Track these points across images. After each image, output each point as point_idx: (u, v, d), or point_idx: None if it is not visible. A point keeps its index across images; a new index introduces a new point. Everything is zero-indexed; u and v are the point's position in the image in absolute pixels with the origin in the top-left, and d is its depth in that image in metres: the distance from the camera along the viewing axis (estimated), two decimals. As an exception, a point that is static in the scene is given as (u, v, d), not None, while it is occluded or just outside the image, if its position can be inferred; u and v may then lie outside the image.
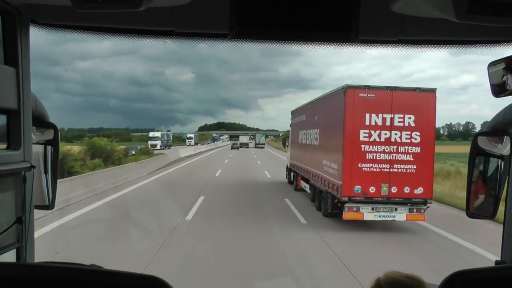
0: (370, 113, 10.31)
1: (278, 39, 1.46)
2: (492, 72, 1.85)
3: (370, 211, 10.44)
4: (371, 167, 10.28)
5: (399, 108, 10.31)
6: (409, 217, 10.49)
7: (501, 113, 1.95)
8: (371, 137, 10.31)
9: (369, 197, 10.31)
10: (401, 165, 10.30)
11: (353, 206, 10.38)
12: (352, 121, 10.31)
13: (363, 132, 10.30)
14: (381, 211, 10.47)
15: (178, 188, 18.76)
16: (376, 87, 10.45)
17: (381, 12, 1.40)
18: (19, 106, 1.53)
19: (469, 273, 1.17)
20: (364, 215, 10.42)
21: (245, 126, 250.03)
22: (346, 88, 10.32)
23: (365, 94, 10.32)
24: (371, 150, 10.32)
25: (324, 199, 12.26)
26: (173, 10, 1.41)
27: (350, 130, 10.31)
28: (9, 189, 1.56)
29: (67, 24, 1.51)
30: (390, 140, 10.32)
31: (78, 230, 10.28)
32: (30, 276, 1.05)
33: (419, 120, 10.31)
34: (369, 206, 10.43)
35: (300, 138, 17.09)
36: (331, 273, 7.42)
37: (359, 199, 10.32)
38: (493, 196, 1.97)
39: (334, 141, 11.27)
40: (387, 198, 10.35)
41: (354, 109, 10.30)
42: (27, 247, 1.62)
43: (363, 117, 10.29)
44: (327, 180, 11.80)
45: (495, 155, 1.95)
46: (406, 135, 10.31)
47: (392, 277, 1.20)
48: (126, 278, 1.03)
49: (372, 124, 10.31)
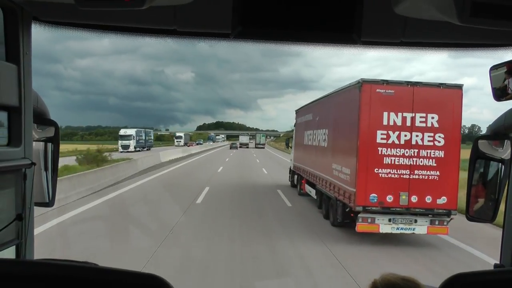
0: (389, 111, 9.07)
1: (281, 40, 1.45)
2: (494, 76, 1.87)
3: (387, 223, 9.21)
4: (389, 173, 9.05)
5: (421, 106, 9.08)
6: (430, 230, 9.26)
7: (502, 117, 1.97)
8: (389, 139, 9.07)
9: (386, 207, 9.08)
10: (422, 171, 9.07)
11: (368, 217, 9.15)
12: (368, 120, 9.07)
13: (380, 133, 9.07)
14: (399, 223, 9.24)
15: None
16: (395, 82, 9.21)
17: (384, 14, 1.40)
18: (20, 103, 1.54)
19: (468, 276, 1.16)
20: (380, 227, 9.18)
21: (244, 126, 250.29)
22: (362, 82, 9.08)
23: (383, 90, 9.09)
24: (389, 154, 9.08)
25: (333, 207, 11.03)
26: (175, 9, 1.41)
27: (365, 131, 9.07)
28: (9, 186, 1.56)
29: (69, 21, 1.51)
30: (411, 142, 9.08)
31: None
32: (29, 273, 1.04)
33: (443, 120, 9.07)
34: (386, 217, 9.20)
35: (306, 139, 15.85)
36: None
37: (374, 209, 9.08)
38: (493, 199, 1.98)
39: (347, 143, 10.03)
40: (406, 209, 9.12)
41: (370, 107, 9.06)
42: (26, 244, 1.62)
43: (380, 116, 9.05)
44: (337, 186, 10.56)
45: (496, 159, 1.97)
46: (429, 137, 9.07)
47: (388, 279, 1.19)
48: (125, 276, 1.02)
49: (390, 124, 9.07)
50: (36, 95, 1.74)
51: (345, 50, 1.52)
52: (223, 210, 13.39)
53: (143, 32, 1.54)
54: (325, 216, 12.03)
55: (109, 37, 1.58)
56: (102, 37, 1.57)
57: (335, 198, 10.73)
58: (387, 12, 1.34)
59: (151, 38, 1.57)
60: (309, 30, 1.34)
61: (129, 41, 1.58)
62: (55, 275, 1.03)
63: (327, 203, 11.85)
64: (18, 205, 1.59)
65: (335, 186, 10.72)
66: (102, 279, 1.03)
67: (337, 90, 11.25)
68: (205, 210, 13.10)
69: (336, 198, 10.68)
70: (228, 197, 16.01)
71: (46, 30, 1.55)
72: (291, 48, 1.53)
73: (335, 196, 10.71)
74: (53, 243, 8.57)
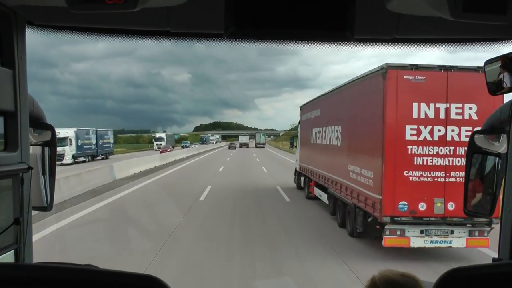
0: (419, 102, 7.58)
1: (274, 39, 1.46)
2: (488, 70, 1.87)
3: (418, 235, 7.72)
4: (421, 175, 7.55)
5: (456, 95, 7.59)
6: (469, 243, 7.77)
7: (498, 111, 1.99)
8: (420, 135, 7.58)
9: (418, 217, 7.59)
10: (460, 173, 7.55)
11: (397, 229, 7.65)
12: (395, 113, 7.57)
13: (409, 129, 7.57)
14: (433, 235, 7.75)
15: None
16: (426, 67, 7.69)
17: (377, 11, 1.39)
18: (16, 107, 1.54)
19: (466, 270, 1.16)
20: (411, 241, 7.69)
21: (242, 125, 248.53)
22: (387, 68, 7.57)
23: (412, 77, 7.59)
24: (420, 153, 7.59)
25: (351, 215, 9.54)
26: (168, 10, 1.42)
27: (392, 126, 7.58)
28: (6, 190, 1.56)
29: (63, 25, 1.51)
30: (446, 138, 7.59)
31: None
32: (28, 276, 1.04)
33: (483, 111, 7.54)
34: (418, 228, 7.71)
35: (314, 137, 14.35)
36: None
37: (405, 220, 7.59)
38: (491, 194, 1.99)
39: (368, 141, 8.53)
40: (441, 218, 7.64)
41: (397, 97, 7.56)
42: (25, 248, 1.61)
43: (409, 107, 7.56)
44: (355, 191, 9.07)
45: (492, 153, 1.97)
46: (467, 131, 7.56)
47: (387, 276, 1.20)
48: (124, 278, 1.02)
49: (421, 117, 7.58)
50: (32, 99, 1.74)
51: (339, 48, 1.51)
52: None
53: (137, 34, 1.55)
54: (340, 225, 10.54)
55: (103, 40, 1.59)
56: (97, 40, 1.57)
57: (354, 205, 9.24)
58: (380, 9, 1.34)
59: (145, 40, 1.58)
60: (302, 29, 1.33)
61: (123, 43, 1.63)
62: (53, 278, 1.02)
63: (342, 210, 10.36)
64: (16, 209, 1.58)
65: (353, 191, 9.23)
66: (100, 281, 1.02)
67: (353, 80, 9.71)
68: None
69: (354, 205, 9.19)
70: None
71: (40, 34, 1.55)
72: (284, 47, 1.53)
73: (354, 202, 9.22)
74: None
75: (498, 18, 1.07)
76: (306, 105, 16.53)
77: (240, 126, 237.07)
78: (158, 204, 14.48)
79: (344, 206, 10.25)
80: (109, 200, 14.67)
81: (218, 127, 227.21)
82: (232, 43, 1.50)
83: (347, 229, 9.91)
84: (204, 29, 1.49)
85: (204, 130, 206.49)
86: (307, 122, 15.92)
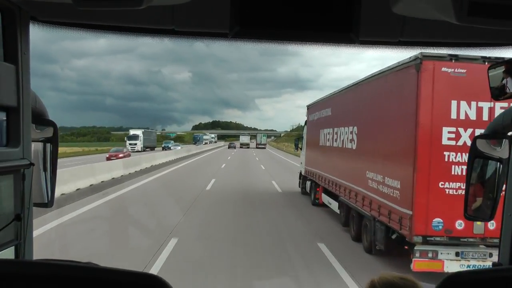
0: (459, 99, 6.38)
1: (279, 39, 1.45)
2: (492, 75, 1.90)
3: (453, 258, 6.51)
4: (459, 188, 6.33)
5: (502, 93, 6.37)
6: None
7: (501, 116, 2.03)
8: (459, 140, 6.37)
9: (455, 237, 6.39)
10: (504, 185, 6.34)
11: (429, 251, 6.44)
12: (430, 112, 6.34)
13: (447, 131, 6.37)
14: (470, 258, 6.55)
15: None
16: (468, 58, 6.44)
17: (382, 13, 1.40)
18: (18, 103, 1.55)
19: (465, 275, 1.18)
20: (444, 265, 6.48)
21: (242, 125, 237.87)
22: (422, 58, 6.35)
23: (451, 69, 6.37)
24: (459, 161, 6.40)
25: (369, 229, 8.33)
26: (173, 8, 1.42)
27: (427, 128, 6.35)
28: (8, 186, 1.57)
29: (67, 21, 1.50)
30: (489, 144, 6.37)
31: None
32: (28, 273, 1.03)
33: None
34: (453, 250, 6.51)
35: (323, 139, 13.15)
36: None
37: (439, 240, 6.39)
38: (491, 198, 2.00)
39: (394, 145, 7.31)
40: (481, 238, 6.44)
41: (433, 93, 6.34)
42: (25, 244, 1.62)
43: (447, 106, 6.35)
44: (376, 202, 7.86)
45: (494, 158, 1.99)
46: (513, 136, 6.36)
47: (386, 279, 1.23)
48: (124, 276, 1.00)
49: (461, 118, 6.38)
50: (35, 95, 1.75)
51: (343, 49, 1.51)
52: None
53: (142, 32, 1.54)
54: (354, 238, 9.33)
55: (107, 37, 1.58)
56: (100, 37, 1.58)
57: (373, 218, 8.03)
58: (385, 12, 1.34)
59: (149, 38, 1.58)
60: (307, 30, 1.33)
61: (127, 41, 1.58)
62: (53, 275, 1.02)
63: (358, 222, 9.14)
64: (17, 205, 1.59)
65: (373, 202, 8.02)
66: (101, 279, 1.02)
67: (377, 74, 8.45)
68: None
69: (374, 218, 7.97)
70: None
71: (44, 30, 1.55)
72: (289, 47, 1.53)
73: (373, 215, 8.01)
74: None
75: (504, 23, 1.07)
76: (314, 104, 15.31)
77: (240, 126, 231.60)
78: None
79: (359, 218, 9.04)
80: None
81: (217, 126, 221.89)
82: (236, 43, 1.49)
83: (363, 244, 8.70)
84: (209, 28, 1.48)
85: (203, 129, 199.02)
86: (315, 122, 14.70)
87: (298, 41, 1.46)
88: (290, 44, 1.47)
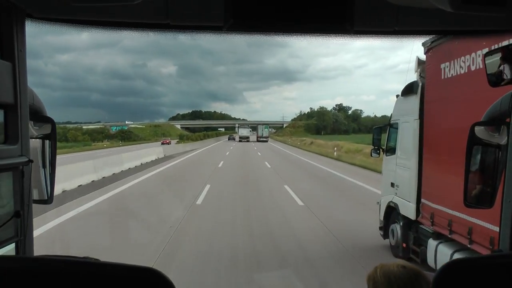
0: None
1: (273, 31, 1.45)
2: (489, 62, 1.91)
3: None
4: None
5: None
6: None
7: (498, 102, 1.98)
8: None
9: None
10: None
11: None
12: None
13: None
14: None
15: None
16: None
17: (377, 3, 1.41)
18: (16, 100, 1.56)
19: (466, 262, 1.20)
20: None
21: (228, 115, 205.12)
22: None
23: None
24: None
25: None
26: (168, 2, 1.43)
27: None
28: (7, 183, 1.58)
29: (63, 18, 1.52)
30: None
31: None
32: (28, 268, 1.06)
33: None
34: None
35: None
36: None
37: None
38: (491, 185, 2.00)
39: None
40: None
41: None
42: (26, 241, 1.64)
43: None
44: None
45: (492, 144, 1.98)
46: None
47: (387, 267, 1.23)
48: (122, 270, 1.04)
49: None
50: (32, 92, 1.75)
51: (338, 39, 1.50)
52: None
53: (137, 26, 1.54)
54: None
55: (103, 33, 1.58)
56: (96, 32, 1.57)
57: None
58: (380, 1, 1.35)
59: (145, 33, 1.58)
60: (302, 21, 1.32)
61: (123, 36, 1.60)
62: (52, 270, 1.05)
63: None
64: (16, 202, 1.60)
65: None
66: (99, 273, 1.04)
67: None
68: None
69: None
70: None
71: (39, 27, 1.56)
72: (283, 39, 1.53)
73: None
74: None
75: (498, 10, 1.07)
76: (438, 47, 6.33)
77: (226, 116, 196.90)
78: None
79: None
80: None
81: (197, 117, 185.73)
82: (231, 35, 1.51)
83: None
84: (203, 21, 1.49)
85: (181, 120, 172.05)
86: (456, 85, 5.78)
87: (293, 33, 1.46)
88: (285, 35, 1.48)
